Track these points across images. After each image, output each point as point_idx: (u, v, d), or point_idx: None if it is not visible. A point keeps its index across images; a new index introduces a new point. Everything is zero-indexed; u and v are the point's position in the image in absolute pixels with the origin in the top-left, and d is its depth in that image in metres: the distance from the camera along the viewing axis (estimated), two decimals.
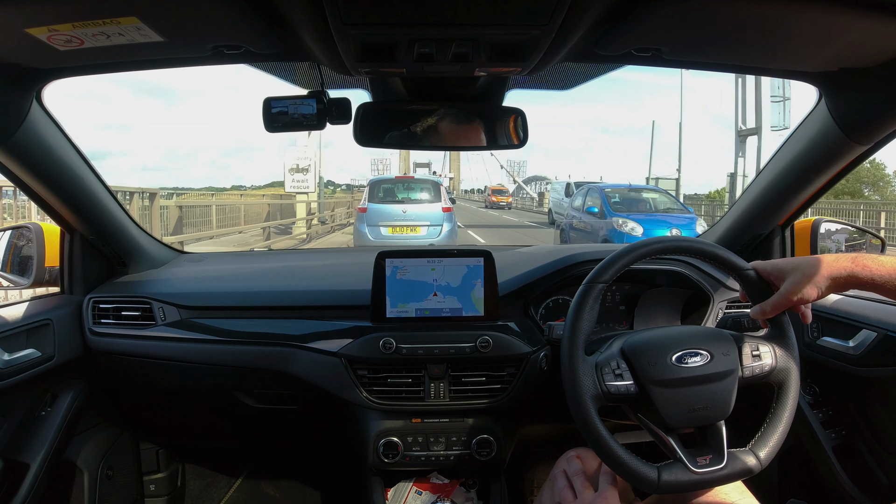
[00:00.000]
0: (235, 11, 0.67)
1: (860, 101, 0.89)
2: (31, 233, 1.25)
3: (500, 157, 55.78)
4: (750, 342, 0.86)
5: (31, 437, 1.15)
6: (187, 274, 1.43)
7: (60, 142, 1.03)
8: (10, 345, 1.07)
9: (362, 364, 1.14)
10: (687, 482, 0.79)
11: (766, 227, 1.27)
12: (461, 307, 1.18)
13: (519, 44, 0.75)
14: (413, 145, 1.09)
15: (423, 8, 0.66)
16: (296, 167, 14.20)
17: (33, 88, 0.90)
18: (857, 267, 0.78)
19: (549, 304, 1.32)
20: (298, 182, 14.27)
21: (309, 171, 14.26)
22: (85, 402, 1.26)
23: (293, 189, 14.41)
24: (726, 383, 0.83)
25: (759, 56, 0.85)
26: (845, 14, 0.67)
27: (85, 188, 1.14)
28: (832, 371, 1.12)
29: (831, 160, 1.03)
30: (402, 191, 7.87)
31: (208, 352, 1.23)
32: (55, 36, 0.70)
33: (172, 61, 0.87)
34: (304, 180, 14.32)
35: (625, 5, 0.68)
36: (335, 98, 0.98)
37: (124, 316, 1.25)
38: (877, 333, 1.04)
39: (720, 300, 1.26)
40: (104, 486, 1.37)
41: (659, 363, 0.83)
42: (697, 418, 0.83)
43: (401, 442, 1.15)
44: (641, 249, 0.87)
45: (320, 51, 0.79)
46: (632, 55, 0.84)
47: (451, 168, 69.20)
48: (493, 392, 1.15)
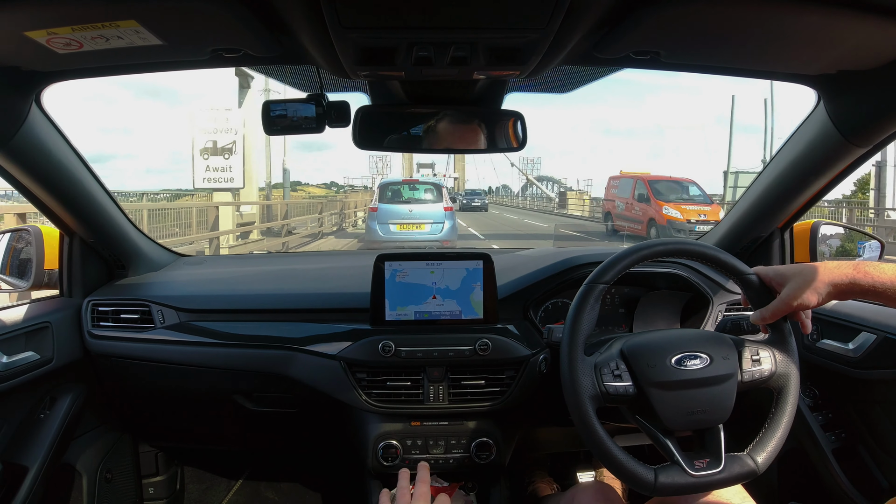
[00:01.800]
0: (234, 15, 0.67)
1: (859, 104, 0.89)
2: (30, 235, 1.25)
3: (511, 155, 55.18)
4: (750, 347, 0.86)
5: (30, 440, 1.15)
6: (186, 277, 1.43)
7: (59, 145, 1.03)
8: (8, 347, 1.07)
9: (361, 367, 1.14)
10: (684, 485, 0.79)
11: (766, 229, 1.27)
12: (460, 310, 1.18)
13: (517, 47, 0.75)
14: (412, 148, 1.09)
15: (421, 12, 0.66)
16: (211, 146, 8.79)
17: (32, 91, 0.90)
18: (858, 274, 0.77)
19: (548, 307, 1.32)
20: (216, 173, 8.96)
21: (234, 153, 8.89)
22: (84, 404, 1.26)
23: (208, 184, 9.13)
24: (725, 387, 0.83)
25: (758, 59, 0.85)
26: (843, 17, 0.67)
27: (84, 191, 1.14)
28: (832, 373, 1.12)
29: (830, 163, 1.03)
30: (408, 192, 8.88)
31: (207, 355, 1.23)
32: (54, 39, 0.70)
33: (171, 64, 0.88)
34: (224, 168, 8.89)
35: (623, 9, 0.68)
36: (334, 101, 0.98)
37: (123, 319, 1.25)
38: (876, 336, 1.03)
39: (719, 303, 1.26)
40: (103, 489, 1.37)
41: (658, 365, 0.83)
42: (696, 421, 0.83)
43: (400, 445, 1.15)
44: (642, 251, 0.87)
45: (319, 54, 0.79)
46: (630, 58, 0.84)
47: (456, 168, 68.92)
48: (492, 395, 1.15)
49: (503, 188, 64.86)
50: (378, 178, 44.85)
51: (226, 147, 8.77)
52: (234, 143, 8.90)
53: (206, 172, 8.89)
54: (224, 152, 8.77)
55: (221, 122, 8.85)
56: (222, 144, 8.77)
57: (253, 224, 10.31)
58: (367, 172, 56.11)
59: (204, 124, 8.92)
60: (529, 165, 57.80)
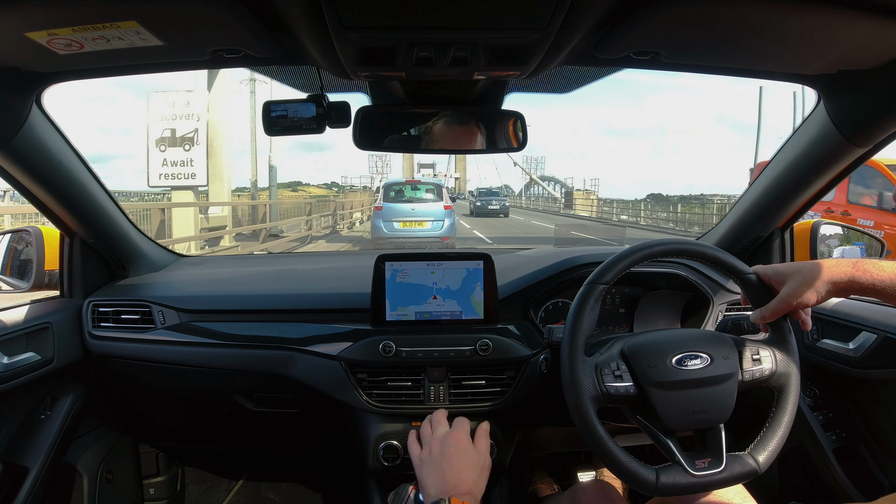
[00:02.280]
0: (235, 16, 0.67)
1: (859, 104, 0.89)
2: (30, 236, 1.25)
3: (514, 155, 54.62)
4: (750, 346, 0.86)
5: (31, 441, 1.15)
6: (187, 277, 1.43)
7: (60, 145, 1.03)
8: (9, 348, 1.07)
9: (362, 367, 1.14)
10: (685, 485, 0.79)
11: (766, 229, 1.27)
12: (461, 310, 1.18)
13: (518, 47, 0.75)
14: (412, 149, 1.09)
15: (422, 12, 0.66)
16: (169, 136, 7.19)
17: (33, 92, 0.90)
18: (857, 272, 0.78)
19: (548, 307, 1.32)
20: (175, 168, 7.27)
21: (197, 143, 7.27)
22: (84, 405, 1.26)
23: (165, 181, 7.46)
24: (726, 387, 0.83)
25: (758, 59, 0.85)
26: (844, 17, 0.67)
27: (84, 192, 1.14)
28: (832, 373, 1.12)
29: (830, 162, 1.03)
30: (410, 192, 9.61)
31: (208, 355, 1.23)
32: (55, 40, 0.70)
33: (172, 65, 0.88)
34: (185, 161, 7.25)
35: (623, 9, 0.68)
36: (334, 101, 0.98)
37: (124, 319, 1.25)
38: (877, 335, 1.04)
39: (720, 303, 1.26)
40: (104, 490, 1.37)
41: (659, 365, 0.83)
42: (696, 421, 0.83)
43: (401, 445, 1.15)
44: (643, 251, 0.87)
45: (319, 54, 0.79)
46: (630, 58, 0.84)
47: (457, 168, 68.74)
48: (493, 395, 1.15)
49: (505, 188, 64.56)
50: (377, 178, 44.80)
51: (186, 136, 7.13)
52: (196, 132, 7.21)
53: (164, 167, 7.26)
54: (184, 142, 7.15)
55: (181, 106, 7.12)
56: (182, 133, 7.10)
57: (224, 228, 8.40)
58: (367, 172, 55.99)
59: (161, 109, 7.21)
60: (533, 165, 57.20)
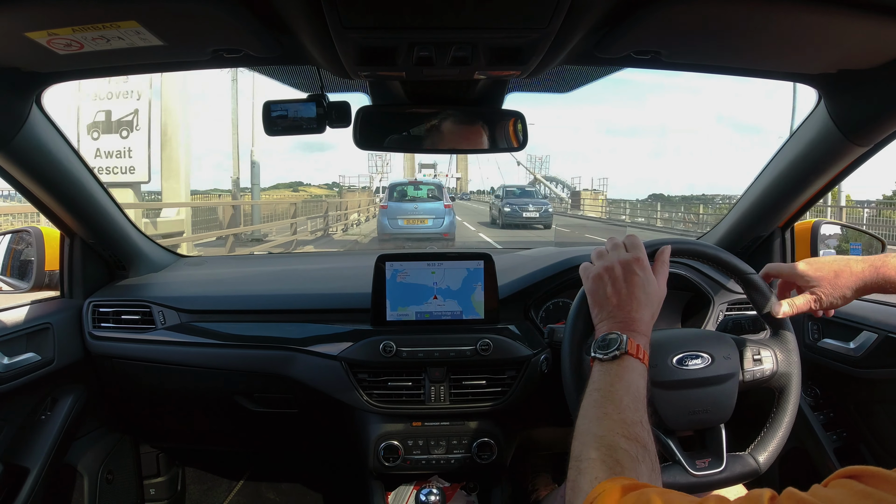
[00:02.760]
0: (235, 15, 0.67)
1: (859, 103, 0.89)
2: (30, 237, 1.25)
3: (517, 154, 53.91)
4: (751, 346, 0.86)
5: (32, 441, 1.15)
6: (187, 278, 1.43)
7: (60, 145, 1.03)
8: (9, 349, 1.07)
9: (362, 367, 1.14)
10: (685, 485, 0.79)
11: (767, 228, 1.27)
12: (461, 310, 1.18)
13: (518, 47, 0.75)
14: (413, 148, 1.09)
15: (422, 12, 0.66)
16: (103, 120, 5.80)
17: (33, 92, 0.90)
18: (885, 269, 0.76)
19: (549, 306, 1.32)
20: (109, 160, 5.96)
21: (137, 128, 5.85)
22: (85, 405, 1.26)
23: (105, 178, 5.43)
24: (727, 387, 0.83)
25: (759, 58, 0.85)
26: (844, 16, 0.67)
27: (85, 192, 1.14)
28: (833, 373, 1.12)
29: (831, 162, 1.03)
30: (413, 191, 10.63)
31: (208, 355, 1.23)
32: (55, 40, 0.70)
33: (172, 65, 0.88)
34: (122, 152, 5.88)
35: (623, 8, 0.68)
36: (335, 101, 0.98)
37: (124, 320, 1.25)
38: (877, 335, 1.03)
39: (720, 303, 1.25)
40: (104, 490, 1.37)
41: (659, 365, 0.83)
42: (697, 421, 0.83)
43: (401, 445, 1.15)
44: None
45: (320, 54, 0.79)
46: (631, 58, 0.84)
47: (459, 168, 68.57)
48: (493, 395, 1.15)
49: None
50: (377, 178, 44.77)
51: (124, 120, 5.76)
52: (135, 114, 5.81)
53: (97, 159, 5.86)
54: (121, 128, 5.76)
55: (118, 82, 5.69)
56: (119, 116, 5.75)
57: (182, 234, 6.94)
58: (366, 172, 55.80)
59: (92, 87, 5.84)
60: (537, 164, 56.35)
